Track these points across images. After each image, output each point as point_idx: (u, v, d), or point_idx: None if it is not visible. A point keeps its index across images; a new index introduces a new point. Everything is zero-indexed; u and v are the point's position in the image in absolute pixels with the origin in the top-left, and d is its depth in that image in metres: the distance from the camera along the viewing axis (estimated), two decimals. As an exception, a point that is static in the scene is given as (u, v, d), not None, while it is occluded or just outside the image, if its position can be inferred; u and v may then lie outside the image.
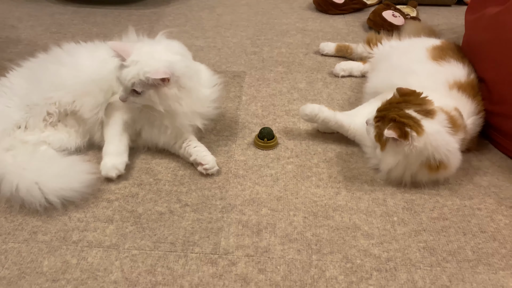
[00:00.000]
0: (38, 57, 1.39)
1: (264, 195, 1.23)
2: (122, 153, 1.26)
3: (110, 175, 1.23)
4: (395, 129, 1.15)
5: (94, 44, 1.43)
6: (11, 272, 1.00)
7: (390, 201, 1.22)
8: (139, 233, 1.11)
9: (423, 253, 1.07)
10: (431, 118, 1.18)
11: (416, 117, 1.17)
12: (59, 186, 1.14)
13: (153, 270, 1.01)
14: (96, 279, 0.99)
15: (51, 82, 1.28)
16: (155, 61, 1.19)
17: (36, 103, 1.27)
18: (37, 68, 1.34)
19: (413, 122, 1.16)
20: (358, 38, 2.14)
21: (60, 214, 1.15)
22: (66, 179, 1.15)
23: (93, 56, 1.33)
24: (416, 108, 1.19)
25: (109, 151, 1.26)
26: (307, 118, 1.40)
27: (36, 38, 2.07)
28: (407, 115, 1.18)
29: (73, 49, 1.38)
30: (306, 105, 1.39)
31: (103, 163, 1.24)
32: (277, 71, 1.85)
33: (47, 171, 1.15)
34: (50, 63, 1.33)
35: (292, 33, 2.19)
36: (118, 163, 1.24)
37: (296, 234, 1.11)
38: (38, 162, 1.18)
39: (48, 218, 1.13)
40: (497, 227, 1.15)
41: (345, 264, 1.04)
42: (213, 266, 1.03)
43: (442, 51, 1.51)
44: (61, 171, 1.17)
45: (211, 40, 2.09)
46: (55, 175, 1.15)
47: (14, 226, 1.11)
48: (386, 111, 1.22)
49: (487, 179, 1.31)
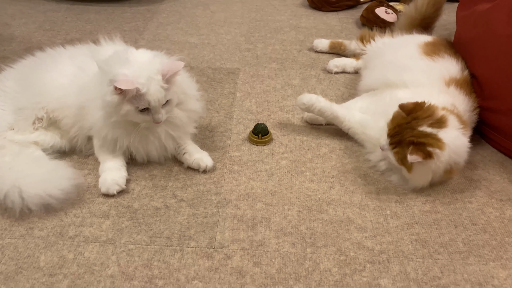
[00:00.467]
0: (29, 59, 1.39)
1: (259, 190, 1.24)
2: (121, 168, 1.22)
3: (111, 192, 1.17)
4: (418, 152, 1.12)
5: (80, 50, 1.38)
6: (8, 267, 1.01)
7: (383, 195, 1.24)
8: (135, 228, 1.12)
9: (415, 246, 1.09)
10: (446, 127, 1.16)
11: (432, 133, 1.15)
12: (38, 192, 1.10)
13: (150, 264, 1.03)
14: (93, 273, 1.00)
15: (38, 87, 1.27)
16: (154, 61, 1.16)
17: (25, 106, 1.26)
18: (27, 71, 1.33)
19: (432, 139, 1.14)
20: (351, 35, 2.15)
21: (56, 209, 1.15)
22: (47, 184, 1.11)
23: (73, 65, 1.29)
24: (428, 122, 1.16)
25: (106, 167, 1.22)
26: (304, 107, 1.41)
27: (30, 36, 2.07)
28: (424, 134, 1.15)
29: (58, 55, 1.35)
30: (304, 94, 1.41)
31: (101, 179, 1.19)
32: (271, 67, 1.86)
33: (29, 174, 1.12)
34: (38, 67, 1.32)
35: (285, 30, 2.20)
36: (118, 177, 1.19)
37: (291, 228, 1.13)
38: (21, 164, 1.15)
39: (44, 213, 1.14)
40: (487, 219, 1.17)
41: (339, 256, 1.06)
42: (208, 260, 1.04)
43: (435, 46, 1.53)
44: (42, 176, 1.13)
45: (205, 37, 2.10)
46: (35, 180, 1.11)
47: (10, 222, 1.12)
48: (399, 135, 1.18)
49: (477, 173, 1.33)
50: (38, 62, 1.34)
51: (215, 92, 1.68)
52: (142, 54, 1.20)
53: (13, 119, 1.27)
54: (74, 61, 1.29)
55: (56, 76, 1.27)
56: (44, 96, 1.25)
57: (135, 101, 1.12)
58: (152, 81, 1.11)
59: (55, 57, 1.33)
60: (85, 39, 2.05)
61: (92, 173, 1.28)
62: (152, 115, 1.15)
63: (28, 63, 1.37)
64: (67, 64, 1.29)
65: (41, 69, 1.30)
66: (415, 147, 1.13)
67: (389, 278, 1.01)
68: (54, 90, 1.25)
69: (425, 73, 1.41)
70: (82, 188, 1.22)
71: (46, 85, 1.26)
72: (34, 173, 1.13)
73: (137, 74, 1.11)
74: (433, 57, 1.47)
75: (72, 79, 1.25)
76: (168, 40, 2.06)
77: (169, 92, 1.15)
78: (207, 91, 1.68)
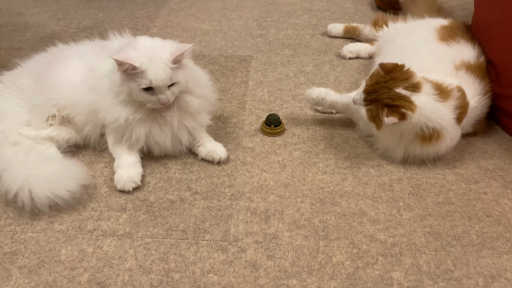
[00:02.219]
0: (42, 55, 1.40)
1: (272, 182, 1.25)
2: (136, 164, 1.24)
3: (126, 189, 1.20)
4: (393, 114, 1.18)
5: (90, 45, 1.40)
6: (31, 261, 1.05)
7: (396, 186, 1.24)
8: (151, 222, 1.14)
9: (428, 238, 1.10)
10: (419, 92, 1.20)
11: (406, 95, 1.19)
12: (46, 193, 1.12)
13: (166, 258, 1.05)
14: (112, 267, 1.03)
15: (50, 84, 1.28)
16: (162, 44, 1.19)
17: (38, 103, 1.28)
18: (40, 68, 1.34)
19: (405, 102, 1.18)
20: (365, 18, 2.11)
21: (75, 203, 1.18)
22: (55, 185, 1.13)
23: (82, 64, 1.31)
24: (403, 84, 1.20)
25: (121, 163, 1.23)
26: (314, 102, 1.41)
27: (43, 25, 2.08)
28: (398, 96, 1.19)
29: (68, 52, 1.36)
30: (312, 89, 1.40)
31: (117, 176, 1.21)
32: (283, 54, 1.85)
33: (38, 174, 1.14)
34: (50, 64, 1.33)
35: (298, 14, 2.17)
36: (133, 174, 1.21)
37: (304, 221, 1.14)
38: (32, 162, 1.17)
39: (63, 207, 1.17)
40: (502, 211, 1.17)
41: (351, 249, 1.07)
42: (223, 253, 1.06)
43: (451, 30, 1.50)
44: (51, 176, 1.14)
45: (216, 24, 2.09)
46: (44, 180, 1.13)
47: (31, 216, 1.15)
48: (375, 93, 1.22)
49: (493, 162, 1.31)
50: (50, 58, 1.35)
51: (227, 81, 1.68)
52: (152, 40, 1.22)
53: (29, 116, 1.29)
54: (84, 60, 1.30)
55: (66, 74, 1.28)
56: (56, 94, 1.27)
57: (138, 79, 1.14)
58: (155, 60, 1.14)
59: (66, 55, 1.34)
60: (97, 27, 2.06)
61: (109, 166, 1.30)
62: (156, 95, 1.16)
63: (41, 59, 1.38)
64: (77, 62, 1.30)
65: (53, 66, 1.31)
66: (390, 109, 1.18)
67: (401, 271, 1.02)
68: (65, 88, 1.27)
69: (435, 58, 1.39)
70: (99, 182, 1.25)
71: (58, 83, 1.28)
72: (43, 172, 1.14)
73: (138, 54, 1.14)
74: (448, 41, 1.44)
75: (82, 78, 1.27)
76: (180, 27, 2.05)
77: (176, 73, 1.16)
78: (220, 80, 1.68)
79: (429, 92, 1.21)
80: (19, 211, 1.16)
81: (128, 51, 1.15)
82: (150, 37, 1.24)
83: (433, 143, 1.23)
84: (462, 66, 1.36)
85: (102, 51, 1.29)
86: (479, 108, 1.36)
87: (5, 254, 1.06)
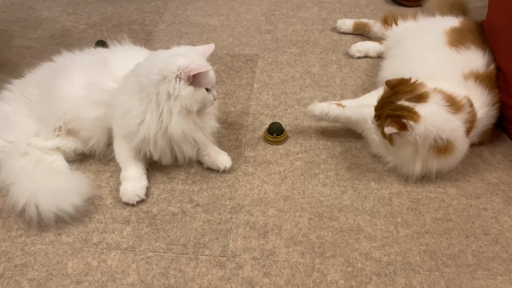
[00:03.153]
0: (47, 65, 1.42)
1: (272, 194, 1.27)
2: (141, 177, 1.27)
3: (131, 202, 1.24)
4: (393, 124, 1.17)
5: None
6: (39, 273, 1.11)
7: (395, 200, 1.24)
8: (153, 235, 1.18)
9: (423, 257, 1.11)
10: (425, 102, 1.19)
11: (408, 106, 1.18)
12: (52, 208, 1.16)
13: (166, 273, 1.10)
14: (115, 281, 1.09)
15: (54, 97, 1.31)
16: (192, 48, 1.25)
17: (45, 115, 1.31)
18: (46, 79, 1.36)
19: (407, 112, 1.18)
20: (377, 11, 2.06)
21: (81, 215, 1.23)
22: (60, 200, 1.17)
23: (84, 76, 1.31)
24: (406, 96, 1.20)
25: (127, 175, 1.26)
26: (317, 118, 1.40)
27: (54, 21, 2.10)
28: (400, 107, 1.19)
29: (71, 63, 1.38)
30: (315, 105, 1.38)
31: (122, 189, 1.24)
32: (290, 52, 1.83)
33: (45, 188, 1.17)
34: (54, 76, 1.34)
35: (308, 6, 2.12)
36: (138, 188, 1.24)
37: (301, 237, 1.16)
38: (40, 175, 1.20)
39: (70, 218, 1.22)
40: (501, 229, 1.16)
41: (346, 268, 1.09)
42: (221, 269, 1.10)
43: (462, 34, 1.45)
44: (57, 191, 1.18)
45: (224, 18, 2.06)
46: (50, 195, 1.17)
47: (40, 227, 1.21)
48: (381, 109, 1.23)
49: (497, 176, 1.30)
50: (55, 69, 1.37)
51: (232, 83, 1.68)
52: (178, 48, 1.25)
53: (38, 126, 1.33)
54: (85, 72, 1.31)
55: (69, 87, 1.30)
56: (60, 107, 1.30)
57: (204, 83, 1.20)
58: (204, 61, 1.22)
59: (69, 66, 1.35)
60: (106, 23, 2.06)
61: (115, 176, 1.34)
62: (211, 92, 1.23)
63: (46, 69, 1.40)
64: (79, 75, 1.31)
65: (56, 78, 1.33)
66: (391, 119, 1.18)
67: (394, 292, 1.04)
68: (68, 102, 1.29)
69: (444, 65, 1.37)
70: (104, 192, 1.29)
71: (61, 96, 1.30)
72: (50, 187, 1.18)
73: (193, 59, 1.18)
74: (458, 47, 1.40)
75: (84, 93, 1.28)
76: (187, 23, 2.04)
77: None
78: (225, 82, 1.69)
79: (439, 103, 1.19)
80: (29, 222, 1.21)
81: (190, 62, 1.17)
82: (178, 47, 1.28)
83: (448, 154, 1.22)
84: (471, 75, 1.33)
85: (103, 64, 1.30)
86: (487, 119, 1.33)
87: (16, 266, 1.12)
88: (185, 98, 1.17)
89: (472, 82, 1.32)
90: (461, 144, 1.22)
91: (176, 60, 1.16)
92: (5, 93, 1.40)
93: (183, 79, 1.16)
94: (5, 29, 2.04)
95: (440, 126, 1.18)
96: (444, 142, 1.19)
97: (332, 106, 1.36)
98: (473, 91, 1.31)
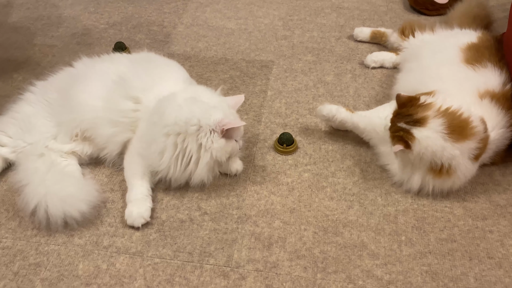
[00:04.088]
0: (67, 71, 1.46)
1: (279, 206, 1.29)
2: (146, 198, 1.27)
3: (136, 225, 1.24)
4: (398, 142, 1.23)
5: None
6: (52, 274, 1.16)
7: (401, 218, 1.25)
8: (161, 241, 1.22)
9: (425, 278, 1.12)
10: (422, 126, 1.21)
11: (406, 128, 1.22)
12: (59, 213, 1.20)
13: (172, 280, 1.14)
14: (122, 285, 1.13)
15: (73, 105, 1.34)
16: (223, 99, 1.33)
17: (63, 121, 1.35)
18: (65, 86, 1.40)
19: (404, 133, 1.23)
20: (396, 19, 2.04)
21: (93, 217, 1.28)
22: (68, 206, 1.21)
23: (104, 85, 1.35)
24: (406, 119, 1.23)
25: (132, 197, 1.27)
26: (324, 119, 1.44)
27: (75, 20, 2.15)
28: (400, 129, 1.24)
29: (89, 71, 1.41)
30: (324, 105, 1.42)
31: (128, 212, 1.25)
32: (305, 60, 1.83)
33: (55, 192, 1.21)
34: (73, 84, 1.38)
35: (326, 12, 2.12)
36: (143, 211, 1.24)
37: (305, 250, 1.18)
38: (51, 179, 1.24)
39: (82, 220, 1.26)
40: (506, 253, 1.16)
41: (347, 284, 1.11)
42: (224, 279, 1.13)
43: (479, 52, 1.44)
44: (66, 197, 1.22)
45: (242, 22, 2.08)
46: (59, 200, 1.20)
47: (54, 228, 1.26)
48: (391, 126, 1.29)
49: (506, 197, 1.29)
50: (74, 76, 1.41)
51: (246, 90, 1.70)
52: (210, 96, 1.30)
53: (56, 130, 1.37)
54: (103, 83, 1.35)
55: (87, 97, 1.34)
56: (77, 115, 1.34)
57: (235, 135, 1.28)
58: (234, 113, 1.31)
59: (87, 74, 1.39)
60: (126, 23, 2.10)
61: (127, 179, 1.38)
62: (238, 143, 1.31)
63: (67, 75, 1.44)
64: (97, 85, 1.35)
65: (75, 87, 1.37)
66: (396, 139, 1.24)
67: (393, 311, 1.06)
68: (85, 112, 1.33)
69: (459, 84, 1.35)
70: (116, 196, 1.34)
71: (79, 105, 1.34)
72: (60, 192, 1.22)
73: (227, 114, 1.25)
74: (474, 65, 1.38)
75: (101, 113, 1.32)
76: (206, 25, 2.06)
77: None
78: (239, 88, 1.71)
79: (436, 129, 1.19)
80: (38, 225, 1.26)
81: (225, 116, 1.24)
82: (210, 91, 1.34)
83: (446, 177, 1.23)
84: (486, 94, 1.31)
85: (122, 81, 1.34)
86: (500, 141, 1.32)
87: (30, 265, 1.17)
88: (216, 150, 1.23)
89: (488, 102, 1.31)
90: (462, 170, 1.22)
91: (214, 113, 1.23)
92: (27, 95, 1.44)
93: (217, 132, 1.22)
94: (29, 26, 2.10)
95: (435, 151, 1.19)
96: (441, 165, 1.21)
97: (341, 110, 1.40)
98: (488, 111, 1.29)
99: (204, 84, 1.50)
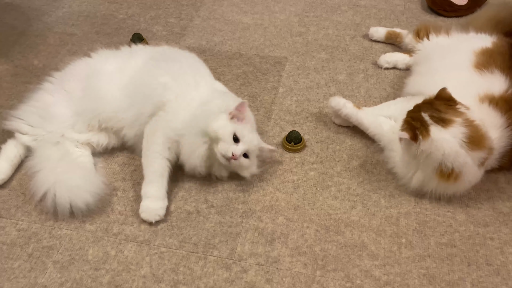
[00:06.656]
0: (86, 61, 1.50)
1: (283, 202, 1.33)
2: (164, 197, 1.29)
3: (150, 220, 1.27)
4: (408, 130, 1.22)
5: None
6: (63, 257, 1.22)
7: (402, 220, 1.27)
8: (168, 231, 1.27)
9: (422, 281, 1.14)
10: (443, 127, 1.20)
11: (426, 121, 1.21)
12: (65, 203, 1.25)
13: (176, 269, 1.18)
14: (129, 272, 1.18)
15: (93, 97, 1.39)
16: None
17: (81, 111, 1.40)
18: (84, 76, 1.44)
19: (420, 125, 1.21)
20: (413, 19, 2.03)
21: (105, 204, 1.33)
22: (74, 197, 1.25)
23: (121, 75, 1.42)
24: (432, 112, 1.22)
25: (150, 193, 1.28)
26: (332, 110, 1.51)
27: (95, 9, 2.18)
28: (419, 118, 1.23)
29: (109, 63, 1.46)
30: (334, 97, 1.49)
31: (143, 205, 1.27)
32: (319, 57, 1.85)
33: (64, 181, 1.26)
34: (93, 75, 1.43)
35: (343, 9, 2.12)
36: (159, 208, 1.27)
37: (306, 248, 1.22)
38: (63, 167, 1.29)
39: (95, 207, 1.31)
40: (504, 260, 1.17)
41: (345, 283, 1.14)
42: (227, 271, 1.17)
43: (491, 57, 1.43)
44: (73, 188, 1.26)
45: (258, 17, 2.09)
46: (67, 189, 1.25)
47: (61, 216, 1.29)
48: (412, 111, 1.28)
49: (509, 205, 1.30)
50: (93, 67, 1.46)
51: (258, 86, 1.72)
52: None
53: (74, 120, 1.41)
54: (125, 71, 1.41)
55: (108, 88, 1.39)
56: (98, 106, 1.39)
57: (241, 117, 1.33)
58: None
59: (106, 67, 1.43)
60: (144, 14, 2.13)
61: (139, 170, 1.42)
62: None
63: (85, 66, 1.48)
64: (118, 76, 1.40)
65: (95, 78, 1.42)
66: (408, 126, 1.23)
67: (388, 312, 1.08)
68: (107, 103, 1.38)
69: (462, 87, 1.35)
70: (128, 186, 1.38)
71: (100, 97, 1.39)
72: (68, 183, 1.26)
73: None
74: (482, 70, 1.39)
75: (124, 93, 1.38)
76: (222, 19, 2.08)
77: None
78: (251, 84, 1.73)
79: (456, 135, 1.19)
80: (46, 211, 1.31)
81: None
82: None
83: (452, 182, 1.24)
84: (486, 98, 1.32)
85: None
86: (504, 141, 1.31)
87: (44, 248, 1.23)
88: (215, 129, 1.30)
89: (486, 105, 1.31)
90: (469, 176, 1.22)
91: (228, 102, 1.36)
92: (47, 85, 1.49)
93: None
94: (51, 14, 2.15)
95: (448, 155, 1.19)
96: (450, 169, 1.21)
97: (348, 105, 1.45)
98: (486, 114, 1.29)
99: (217, 79, 1.53)
